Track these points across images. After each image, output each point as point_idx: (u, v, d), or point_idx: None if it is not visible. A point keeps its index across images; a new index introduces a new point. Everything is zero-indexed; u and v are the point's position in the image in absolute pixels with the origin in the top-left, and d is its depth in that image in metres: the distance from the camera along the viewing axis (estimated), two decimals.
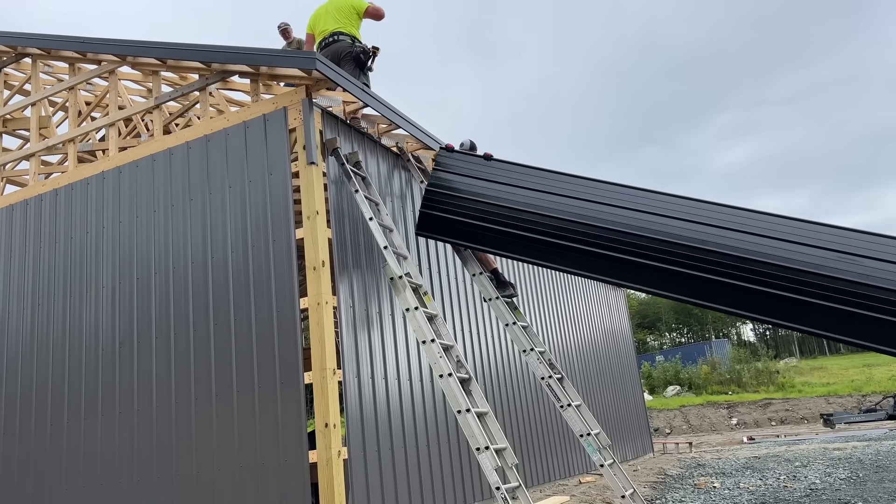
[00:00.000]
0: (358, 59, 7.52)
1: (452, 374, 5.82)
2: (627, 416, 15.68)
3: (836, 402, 36.68)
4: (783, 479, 10.29)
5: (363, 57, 7.57)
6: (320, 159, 6.42)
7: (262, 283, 6.23)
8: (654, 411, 37.25)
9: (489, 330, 9.44)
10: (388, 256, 6.34)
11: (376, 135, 7.81)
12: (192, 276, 6.67)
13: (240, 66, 7.00)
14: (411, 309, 6.11)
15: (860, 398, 36.34)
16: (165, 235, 6.96)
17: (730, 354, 53.13)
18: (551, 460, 10.49)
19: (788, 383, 46.12)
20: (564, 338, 12.62)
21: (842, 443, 16.48)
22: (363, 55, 7.58)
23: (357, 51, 7.57)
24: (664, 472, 12.34)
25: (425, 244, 8.18)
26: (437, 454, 7.27)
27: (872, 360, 61.86)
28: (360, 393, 6.21)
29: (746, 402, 39.26)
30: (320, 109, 6.65)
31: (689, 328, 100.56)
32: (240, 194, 6.57)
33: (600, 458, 6.73)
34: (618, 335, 16.73)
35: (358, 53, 7.55)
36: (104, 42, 7.93)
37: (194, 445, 6.25)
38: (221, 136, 6.85)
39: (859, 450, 13.85)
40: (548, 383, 7.19)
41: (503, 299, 7.45)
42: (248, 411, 6.04)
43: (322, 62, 6.27)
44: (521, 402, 9.94)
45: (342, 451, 5.76)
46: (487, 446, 5.47)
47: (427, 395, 7.37)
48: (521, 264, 11.35)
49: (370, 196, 6.77)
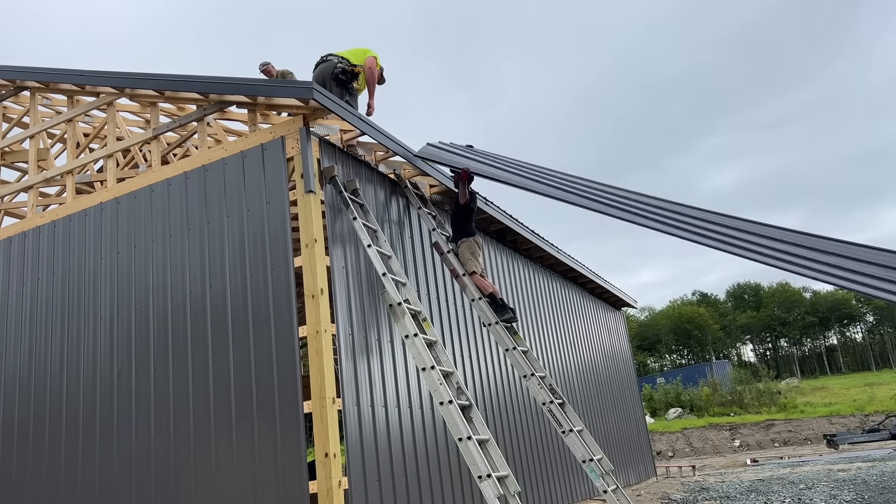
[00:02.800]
0: (338, 78, 7.57)
1: (453, 400, 5.79)
2: (629, 439, 15.56)
3: (839, 423, 36.46)
4: (788, 502, 10.19)
5: (342, 76, 7.62)
6: (318, 187, 6.45)
7: (260, 311, 6.21)
8: (657, 434, 36.98)
9: (489, 356, 9.40)
10: (386, 283, 6.33)
11: (373, 162, 7.84)
12: (191, 306, 6.65)
13: (237, 96, 7.06)
14: (410, 336, 6.10)
15: (863, 418, 36.16)
16: (163, 265, 6.96)
17: (731, 375, 52.87)
18: (554, 486, 10.38)
19: (790, 404, 45.87)
20: (565, 362, 12.57)
21: (846, 464, 16.34)
22: (342, 74, 7.63)
23: (337, 71, 7.61)
24: (668, 496, 12.22)
25: (424, 272, 8.18)
26: (438, 482, 7.19)
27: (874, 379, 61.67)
28: (360, 421, 6.17)
29: (749, 423, 39.01)
30: (318, 138, 6.69)
31: (689, 349, 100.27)
32: (238, 223, 6.58)
33: (603, 483, 6.68)
34: (618, 358, 16.67)
35: (338, 74, 7.60)
36: (102, 74, 8.00)
37: (193, 476, 6.18)
38: (219, 165, 6.88)
39: (864, 471, 13.74)
40: (549, 409, 7.16)
41: (502, 324, 7.45)
42: (247, 441, 5.99)
43: (318, 91, 6.32)
44: (522, 427, 9.87)
45: (342, 480, 5.70)
46: (489, 474, 5.42)
47: (428, 422, 7.32)
48: (520, 290, 11.33)
49: (368, 223, 6.79)
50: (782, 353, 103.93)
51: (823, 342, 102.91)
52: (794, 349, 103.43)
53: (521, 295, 11.33)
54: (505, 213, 10.58)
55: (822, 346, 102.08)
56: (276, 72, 9.18)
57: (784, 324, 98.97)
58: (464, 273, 7.63)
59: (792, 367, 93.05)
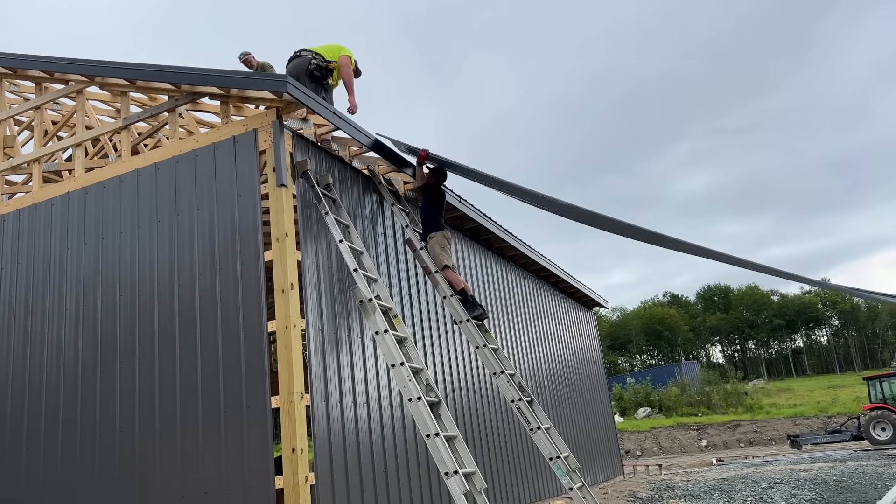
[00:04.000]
0: (312, 74, 7.52)
1: (422, 397, 5.80)
2: (598, 438, 15.71)
3: (803, 424, 37.16)
4: (750, 500, 10.37)
5: (317, 73, 7.58)
6: (290, 181, 6.41)
7: (229, 306, 6.16)
8: (626, 433, 37.36)
9: (460, 354, 9.44)
10: (357, 279, 6.33)
11: (347, 157, 7.82)
12: (159, 299, 6.57)
13: (210, 87, 6.98)
14: (381, 332, 6.10)
15: (826, 419, 36.88)
16: (132, 257, 6.86)
17: (699, 376, 53.60)
18: (522, 484, 10.45)
19: (757, 405, 46.66)
20: (535, 360, 12.65)
21: (808, 464, 16.68)
22: (317, 70, 7.58)
23: (311, 67, 7.56)
24: (634, 494, 12.37)
25: (396, 269, 8.18)
26: (406, 479, 7.20)
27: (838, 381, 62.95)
28: (328, 417, 6.15)
29: (716, 423, 39.59)
30: (291, 132, 6.65)
31: (660, 350, 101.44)
32: (208, 216, 6.52)
33: (569, 481, 6.74)
34: (588, 357, 16.82)
35: (312, 70, 7.55)
36: (72, 62, 7.86)
37: (158, 471, 6.12)
38: (190, 157, 6.81)
39: (825, 471, 14.03)
40: (518, 406, 7.21)
41: (473, 321, 7.48)
42: (213, 436, 5.94)
43: (293, 85, 6.28)
44: (491, 425, 9.92)
45: (309, 476, 5.69)
46: (456, 471, 5.45)
47: (397, 419, 7.32)
48: (492, 288, 11.38)
49: (340, 218, 6.77)
50: (750, 355, 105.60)
51: (790, 345, 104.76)
52: (762, 351, 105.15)
53: (493, 293, 11.37)
54: (479, 211, 10.61)
55: (788, 349, 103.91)
56: (257, 63, 9.11)
57: (752, 326, 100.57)
58: (436, 270, 7.64)
59: (759, 369, 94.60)
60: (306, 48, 7.73)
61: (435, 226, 7.86)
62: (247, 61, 9.00)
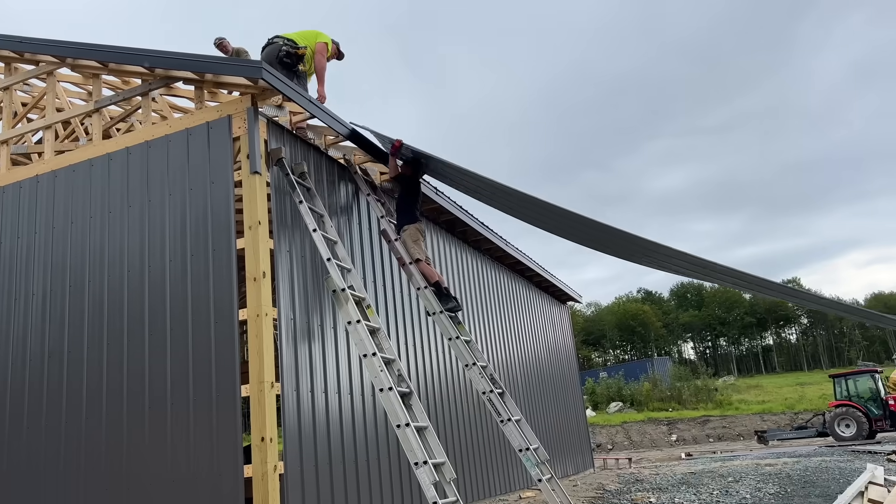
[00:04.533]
0: (282, 62, 7.43)
1: (393, 388, 5.81)
2: (569, 431, 15.85)
3: (771, 420, 37.83)
4: (716, 493, 10.54)
5: (287, 59, 7.48)
6: (264, 169, 6.36)
7: (200, 293, 6.11)
8: (597, 427, 37.75)
9: (433, 345, 9.45)
10: (330, 268, 6.30)
11: (323, 146, 7.77)
12: (129, 286, 6.49)
13: (184, 72, 6.89)
14: (353, 322, 6.09)
15: (793, 416, 37.58)
16: (101, 243, 6.77)
17: (671, 372, 54.27)
18: (492, 476, 10.52)
19: (726, 401, 47.36)
20: (508, 353, 12.72)
21: (773, 459, 16.98)
22: (287, 58, 7.48)
23: (282, 54, 7.44)
24: (603, 487, 12.50)
25: (371, 259, 8.16)
26: (376, 470, 7.21)
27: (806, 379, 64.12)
28: (298, 407, 6.13)
29: (686, 418, 40.14)
30: (266, 119, 6.59)
31: (633, 345, 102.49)
32: (180, 202, 6.45)
33: (538, 472, 6.80)
34: (561, 351, 16.94)
35: (282, 57, 7.43)
36: (43, 42, 7.71)
37: (125, 458, 6.06)
38: (163, 142, 6.72)
39: (789, 466, 14.30)
40: (489, 398, 7.24)
41: (447, 313, 7.49)
42: (182, 424, 5.89)
43: (268, 71, 6.22)
44: (463, 418, 9.96)
45: (278, 465, 5.67)
46: (426, 461, 5.47)
47: (368, 409, 7.32)
48: (468, 281, 11.40)
49: (314, 207, 6.73)
50: (721, 352, 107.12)
51: (760, 342, 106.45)
52: (733, 348, 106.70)
53: (468, 286, 11.40)
54: (455, 203, 10.62)
55: (758, 346, 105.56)
56: (232, 49, 8.98)
57: (724, 323, 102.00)
58: (410, 262, 7.64)
59: (730, 366, 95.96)
60: (280, 35, 7.63)
61: (409, 218, 7.85)
62: (221, 46, 8.87)
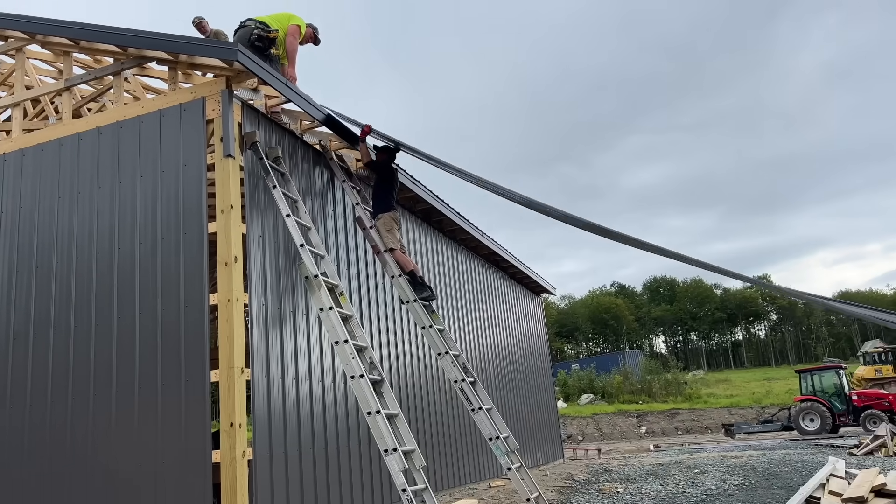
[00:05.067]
0: (254, 45, 7.33)
1: (364, 375, 5.81)
2: (540, 422, 15.98)
3: (738, 413, 38.52)
4: (682, 484, 10.71)
5: (258, 43, 7.38)
6: (238, 152, 6.29)
7: (170, 277, 6.04)
8: (569, 418, 38.12)
9: (406, 334, 9.45)
10: (303, 254, 6.27)
11: (298, 131, 7.71)
12: (97, 268, 6.39)
13: (158, 52, 6.78)
14: (326, 309, 6.06)
15: (760, 410, 38.31)
16: (70, 223, 6.65)
17: (642, 365, 54.96)
18: (463, 464, 10.57)
19: (695, 394, 48.13)
20: (481, 343, 12.76)
21: (739, 451, 17.28)
22: (258, 41, 7.38)
23: (253, 38, 7.34)
24: (572, 477, 12.63)
25: (345, 247, 8.12)
26: (347, 457, 7.21)
27: (773, 374, 65.30)
28: (269, 393, 6.10)
29: (655, 411, 40.73)
30: (240, 102, 6.51)
31: (605, 338, 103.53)
32: (151, 184, 6.36)
33: (508, 461, 6.85)
34: (534, 342, 17.04)
35: (254, 41, 7.33)
36: (12, 18, 7.53)
37: (91, 443, 5.98)
38: (135, 123, 6.61)
39: (754, 458, 14.56)
40: (460, 386, 7.27)
41: (420, 302, 7.49)
42: (150, 409, 5.83)
43: (243, 53, 6.15)
44: (435, 406, 9.99)
45: (247, 451, 5.64)
46: (396, 448, 5.48)
47: (340, 397, 7.31)
48: (443, 271, 11.41)
49: (288, 192, 6.68)
50: (691, 346, 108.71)
51: (730, 337, 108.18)
52: (703, 343, 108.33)
53: (443, 275, 11.41)
54: (431, 193, 10.60)
55: (728, 342, 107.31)
56: (211, 30, 8.85)
57: (695, 318, 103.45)
58: (385, 250, 7.62)
59: (700, 360, 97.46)
60: (252, 18, 7.54)
61: (384, 206, 7.82)
62: (200, 26, 8.74)
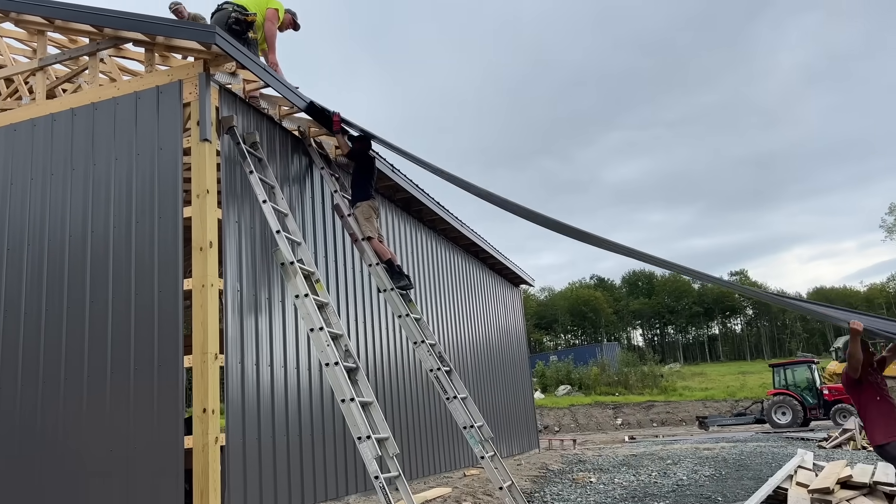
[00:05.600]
0: (231, 29, 7.24)
1: (339, 362, 5.80)
2: (516, 412, 16.08)
3: (713, 406, 39.01)
4: (654, 475, 10.85)
5: (235, 27, 7.28)
6: (215, 137, 6.23)
7: (144, 261, 5.98)
8: (546, 409, 38.39)
9: (384, 324, 9.45)
10: (279, 241, 6.23)
11: (277, 117, 7.64)
12: (70, 250, 6.31)
13: (134, 33, 6.69)
14: (301, 296, 6.05)
15: (734, 403, 38.82)
16: (42, 205, 6.56)
17: (619, 357, 55.47)
18: (439, 453, 10.62)
19: (671, 387, 48.71)
20: (459, 333, 12.80)
21: (712, 443, 17.53)
22: (236, 24, 7.28)
23: (231, 21, 7.23)
24: (546, 466, 12.75)
25: (323, 234, 8.09)
26: (321, 444, 7.21)
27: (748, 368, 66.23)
28: (243, 379, 6.08)
29: (632, 403, 41.14)
30: (218, 85, 6.45)
31: (584, 330, 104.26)
32: (126, 167, 6.28)
33: (481, 450, 6.89)
34: (512, 333, 17.12)
35: (231, 24, 7.22)
36: None
37: (61, 428, 5.93)
38: (110, 105, 6.52)
39: (726, 450, 14.80)
40: (436, 375, 7.29)
41: (398, 291, 7.49)
42: (122, 394, 5.79)
43: (221, 36, 6.08)
44: (411, 396, 10.01)
45: (220, 437, 5.62)
46: (369, 436, 5.49)
47: (315, 384, 7.29)
48: (421, 260, 11.41)
49: (265, 178, 6.64)
50: (668, 340, 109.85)
51: (706, 331, 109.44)
52: (680, 336, 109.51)
53: (421, 265, 11.41)
54: (411, 182, 10.58)
55: (705, 335, 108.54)
56: (188, 14, 8.71)
57: (672, 312, 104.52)
58: (362, 237, 7.60)
59: (676, 353, 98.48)
60: (229, 0, 7.44)
61: (363, 194, 7.80)
62: (177, 11, 8.60)
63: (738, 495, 8.51)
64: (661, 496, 8.82)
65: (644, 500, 8.54)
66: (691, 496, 8.71)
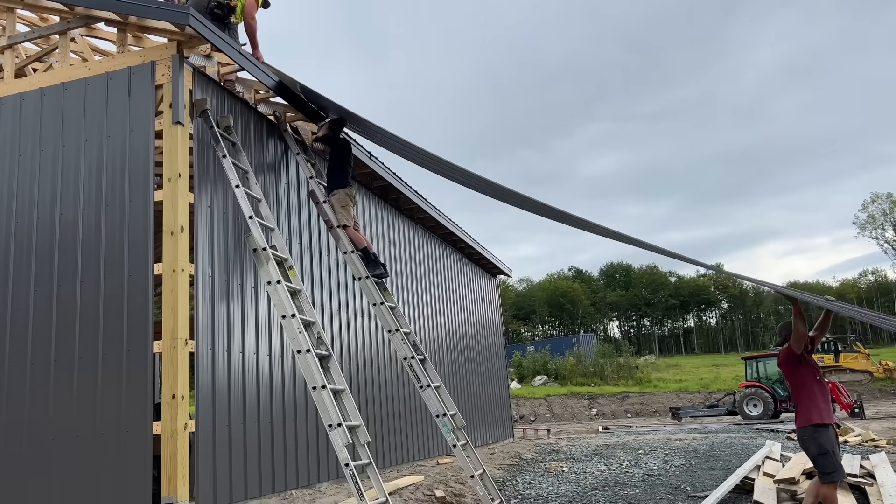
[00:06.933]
0: (213, 13, 7.17)
1: (311, 350, 5.77)
2: (491, 401, 16.15)
3: (686, 398, 39.51)
4: (626, 465, 10.97)
5: (218, 11, 7.22)
6: (187, 120, 6.14)
7: (114, 245, 5.89)
8: (522, 399, 38.64)
9: (359, 312, 9.42)
10: (252, 227, 6.17)
11: (252, 101, 7.55)
12: (38, 233, 6.21)
13: (106, 12, 6.56)
14: (273, 282, 6.00)
15: (707, 395, 39.34)
16: (10, 187, 6.43)
17: (595, 348, 55.89)
18: (412, 442, 10.63)
19: (646, 378, 49.22)
20: (434, 322, 12.80)
21: (684, 434, 17.76)
22: (218, 9, 7.21)
23: (212, 5, 7.20)
24: (520, 455, 12.83)
25: (298, 221, 8.02)
26: (293, 431, 7.18)
27: (722, 360, 67.15)
28: (213, 366, 6.03)
29: (607, 394, 41.54)
30: (192, 68, 6.35)
31: (561, 321, 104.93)
32: (97, 149, 6.17)
33: (453, 438, 6.91)
34: (488, 323, 17.16)
35: (213, 7, 7.19)
36: None
37: (27, 413, 5.84)
38: (81, 85, 6.40)
39: (697, 441, 15.00)
40: (410, 364, 7.29)
41: (373, 279, 7.46)
42: (89, 378, 5.72)
43: (196, 18, 5.98)
44: (386, 384, 10.00)
45: (189, 423, 5.57)
46: (340, 423, 5.47)
47: (287, 371, 7.26)
48: (398, 249, 11.38)
49: (239, 163, 6.56)
50: (645, 332, 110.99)
51: (682, 324, 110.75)
52: (656, 328, 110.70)
53: (398, 253, 11.38)
54: (389, 170, 10.52)
55: (680, 328, 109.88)
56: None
57: (649, 304, 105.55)
58: (338, 225, 7.55)
59: (652, 345, 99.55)
60: None
61: (340, 182, 7.73)
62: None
63: (706, 485, 8.63)
64: (632, 485, 8.92)
65: (614, 490, 8.63)
66: (661, 486, 8.81)
